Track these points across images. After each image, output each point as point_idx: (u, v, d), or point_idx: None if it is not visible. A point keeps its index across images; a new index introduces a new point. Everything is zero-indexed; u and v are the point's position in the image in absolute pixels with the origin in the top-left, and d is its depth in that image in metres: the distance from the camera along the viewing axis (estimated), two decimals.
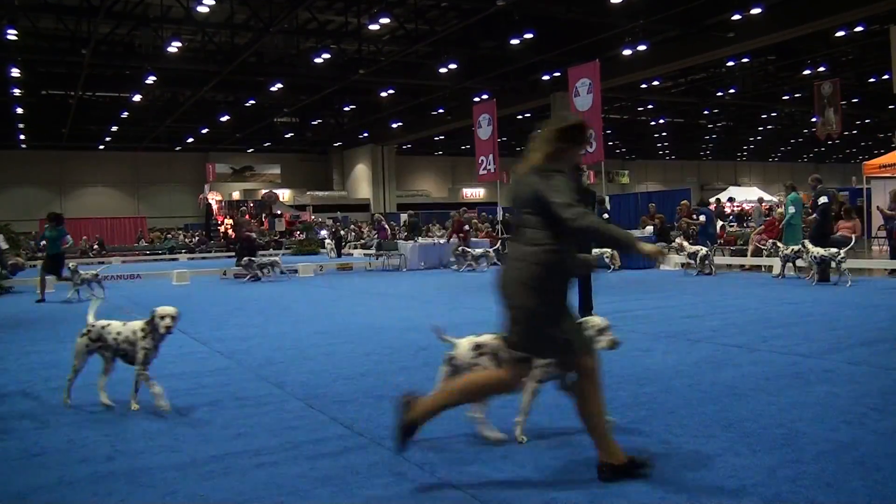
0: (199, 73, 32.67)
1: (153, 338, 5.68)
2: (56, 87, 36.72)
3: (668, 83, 39.59)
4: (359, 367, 7.25)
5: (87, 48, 26.70)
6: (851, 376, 6.07)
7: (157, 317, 5.62)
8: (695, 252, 17.27)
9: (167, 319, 5.60)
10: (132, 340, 5.70)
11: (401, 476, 4.08)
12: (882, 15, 24.53)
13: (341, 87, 35.89)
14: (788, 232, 16.09)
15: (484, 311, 11.58)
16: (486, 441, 4.61)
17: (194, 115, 43.32)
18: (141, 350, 5.66)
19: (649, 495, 3.66)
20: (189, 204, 55.40)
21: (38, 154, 51.58)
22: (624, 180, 66.85)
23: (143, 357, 5.66)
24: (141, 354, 5.66)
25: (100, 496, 3.95)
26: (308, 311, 12.35)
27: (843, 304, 11.00)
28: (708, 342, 8.02)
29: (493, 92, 35.26)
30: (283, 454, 4.55)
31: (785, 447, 4.33)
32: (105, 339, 5.83)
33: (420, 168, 65.24)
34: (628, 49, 29.10)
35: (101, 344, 5.85)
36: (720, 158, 74.40)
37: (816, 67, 35.26)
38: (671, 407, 5.35)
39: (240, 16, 27.53)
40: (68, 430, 5.25)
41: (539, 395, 4.73)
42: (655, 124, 53.81)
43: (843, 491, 3.62)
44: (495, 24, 27.32)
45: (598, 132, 20.93)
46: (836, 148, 66.30)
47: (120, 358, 5.85)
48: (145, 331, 5.68)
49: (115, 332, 5.80)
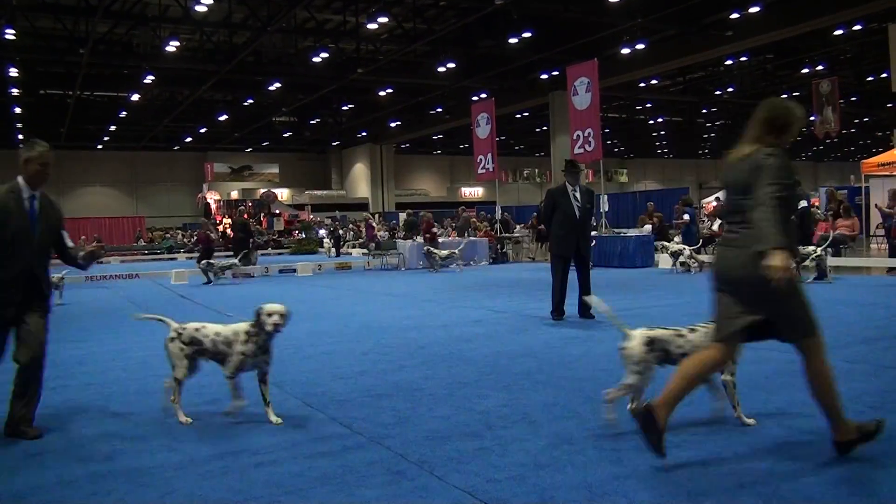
0: (198, 73, 32.64)
1: (256, 341, 5.22)
2: (54, 86, 36.69)
3: (667, 82, 39.58)
4: (357, 366, 7.25)
5: (85, 48, 26.67)
6: (850, 374, 6.07)
7: (264, 314, 5.20)
8: (677, 251, 17.59)
9: (275, 317, 5.16)
10: (230, 342, 5.30)
11: (399, 475, 4.08)
12: (880, 13, 24.53)
13: (339, 86, 35.85)
14: None
15: (482, 309, 11.60)
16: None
17: (192, 115, 43.31)
18: (236, 355, 5.24)
19: (648, 493, 3.67)
20: (187, 203, 55.40)
21: None
22: (622, 179, 66.91)
23: (238, 363, 5.24)
24: (235, 360, 5.24)
25: (99, 496, 3.96)
26: (306, 311, 12.35)
27: (841, 302, 11.00)
28: None
29: (491, 91, 35.25)
30: (281, 453, 4.55)
31: (783, 445, 4.34)
32: (201, 341, 5.39)
33: (418, 167, 65.23)
34: (627, 48, 29.11)
35: (196, 347, 5.41)
36: (719, 157, 74.22)
37: (815, 66, 35.27)
38: None
39: (238, 15, 27.51)
40: (67, 430, 5.25)
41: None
42: (654, 123, 53.82)
43: (842, 489, 3.63)
44: (494, 23, 27.30)
45: (596, 131, 20.97)
46: (835, 146, 66.31)
47: (218, 362, 5.41)
48: (249, 333, 5.25)
49: (214, 334, 5.38)
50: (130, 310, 13.31)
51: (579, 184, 10.21)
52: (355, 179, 59.35)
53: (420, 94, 39.71)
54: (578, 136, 21.25)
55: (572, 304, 10.13)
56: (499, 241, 25.24)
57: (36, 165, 5.22)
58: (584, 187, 10.33)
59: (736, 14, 25.94)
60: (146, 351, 8.49)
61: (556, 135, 35.11)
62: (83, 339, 9.87)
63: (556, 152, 34.76)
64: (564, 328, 9.37)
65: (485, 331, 9.25)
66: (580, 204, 10.00)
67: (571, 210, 9.95)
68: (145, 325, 10.99)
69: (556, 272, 10.17)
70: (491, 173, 25.96)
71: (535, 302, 11.69)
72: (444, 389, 6.10)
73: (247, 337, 5.23)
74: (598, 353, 7.56)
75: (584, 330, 9.20)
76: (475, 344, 8.31)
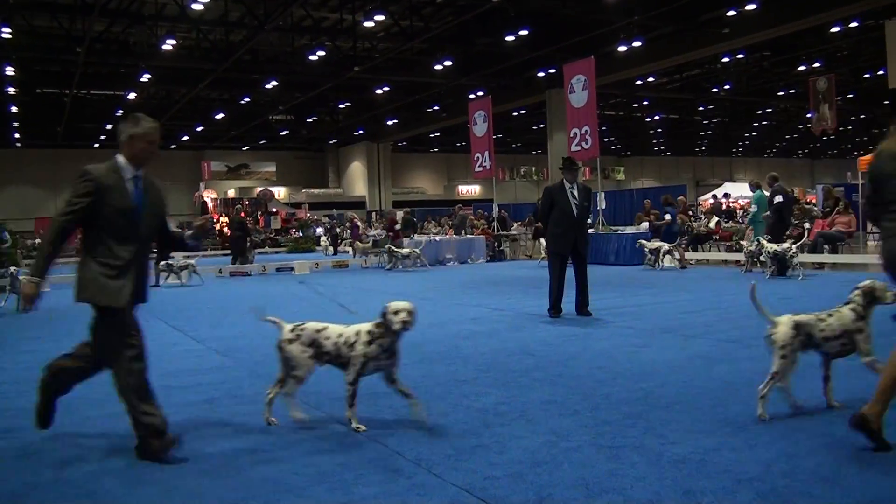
0: (194, 71, 32.58)
1: (381, 343, 4.91)
2: (51, 85, 36.59)
3: (664, 79, 39.56)
4: None
5: (82, 46, 26.60)
6: (847, 371, 6.07)
7: (390, 313, 4.91)
8: (657, 248, 18.00)
9: (402, 314, 4.87)
10: (351, 343, 4.95)
11: (397, 473, 4.09)
12: (877, 10, 24.51)
13: (336, 84, 35.80)
14: (754, 228, 16.76)
15: (480, 307, 11.61)
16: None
17: (189, 113, 43.23)
18: (359, 357, 4.88)
19: (645, 490, 3.67)
20: (185, 202, 55.26)
21: (33, 153, 51.45)
22: (619, 176, 66.88)
23: (360, 368, 4.90)
24: (357, 364, 4.88)
25: (97, 495, 3.96)
26: (304, 309, 12.32)
27: (837, 299, 11.00)
28: (703, 338, 8.04)
29: (488, 89, 35.21)
30: (279, 451, 4.55)
31: (780, 442, 4.35)
32: (321, 344, 5.02)
33: (415, 165, 65.18)
34: (623, 45, 29.09)
35: (315, 350, 5.02)
36: (715, 154, 74.39)
37: (811, 63, 35.26)
38: (666, 402, 5.37)
39: (234, 13, 27.46)
40: (64, 430, 5.24)
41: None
42: (651, 120, 53.79)
43: (839, 485, 3.64)
44: (490, 21, 27.28)
45: (593, 129, 20.97)
46: (832, 143, 66.31)
47: (338, 367, 5.07)
48: (372, 333, 4.93)
49: (336, 336, 5.02)
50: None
51: (577, 181, 10.22)
52: (352, 177, 59.29)
53: (417, 92, 39.67)
54: (575, 134, 21.25)
55: (569, 301, 10.15)
56: (496, 238, 25.25)
57: (142, 143, 4.78)
58: (582, 185, 10.33)
59: (732, 11, 25.92)
60: None
61: (553, 132, 35.09)
62: (80, 338, 9.81)
63: (553, 150, 34.73)
64: (562, 325, 9.38)
65: (482, 328, 9.25)
66: (578, 202, 10.01)
67: (569, 208, 9.95)
68: (143, 325, 10.99)
69: (553, 270, 10.18)
70: (488, 171, 25.95)
71: (533, 299, 11.70)
72: (442, 387, 6.11)
73: (369, 338, 4.91)
74: (595, 350, 7.58)
75: (582, 327, 9.21)
76: (473, 342, 8.31)
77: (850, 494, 3.52)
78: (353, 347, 4.92)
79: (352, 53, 31.35)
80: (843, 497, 3.50)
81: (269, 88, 36.01)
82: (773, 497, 3.52)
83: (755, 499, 3.52)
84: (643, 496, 3.61)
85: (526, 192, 61.00)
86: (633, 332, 8.63)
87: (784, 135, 64.45)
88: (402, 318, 4.85)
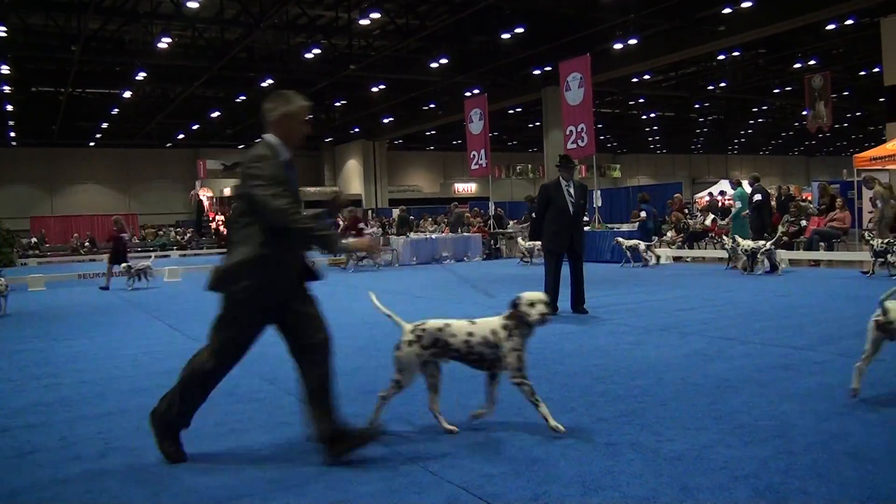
0: (190, 69, 32.51)
1: (520, 334, 4.65)
2: (46, 84, 36.47)
3: (659, 77, 39.58)
4: (351, 362, 7.24)
5: (77, 44, 26.54)
6: (843, 368, 6.09)
7: (525, 304, 4.64)
8: (633, 245, 18.29)
9: (540, 306, 4.60)
10: (493, 342, 4.67)
11: (394, 471, 4.09)
12: (873, 8, 24.54)
13: (332, 82, 35.77)
14: (735, 225, 16.91)
15: (476, 305, 11.60)
16: None
17: (185, 112, 43.14)
18: (511, 352, 4.60)
19: (642, 487, 3.68)
20: (180, 201, 55.25)
21: (29, 151, 51.32)
22: (615, 174, 66.87)
23: (518, 360, 4.60)
24: (513, 357, 4.59)
25: (93, 493, 3.95)
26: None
27: (833, 296, 11.05)
28: (699, 335, 8.05)
29: (484, 87, 35.20)
30: (275, 450, 4.56)
31: (776, 438, 4.35)
32: (447, 343, 4.73)
33: (411, 163, 65.14)
34: (619, 43, 29.09)
35: (436, 350, 4.76)
36: (711, 152, 74.44)
37: (807, 61, 35.29)
38: (663, 399, 5.37)
39: (230, 11, 27.39)
40: (61, 428, 5.24)
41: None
42: (646, 118, 53.79)
43: (835, 482, 3.64)
44: (486, 19, 27.29)
45: (589, 126, 20.97)
46: (827, 141, 66.38)
47: (470, 364, 4.81)
48: (508, 326, 4.66)
49: (465, 333, 4.73)
50: (122, 308, 13.29)
51: (573, 179, 10.22)
52: (348, 176, 59.24)
53: (413, 90, 39.64)
54: (571, 132, 21.25)
55: (565, 298, 10.15)
56: (492, 236, 25.24)
57: (295, 121, 4.46)
58: (578, 183, 10.33)
59: (728, 9, 25.94)
60: (139, 349, 8.48)
61: (549, 130, 35.11)
62: (75, 336, 9.85)
63: (549, 148, 34.75)
64: (558, 323, 9.37)
65: None
66: (574, 199, 10.01)
67: (565, 205, 9.95)
68: (139, 323, 11.00)
69: (549, 267, 10.19)
70: (484, 169, 25.94)
71: None
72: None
73: (507, 333, 4.65)
74: (591, 347, 7.58)
75: (578, 325, 9.21)
76: None
77: (847, 491, 3.53)
78: (498, 346, 4.64)
79: (347, 51, 31.32)
80: (839, 493, 3.51)
81: (264, 87, 35.89)
82: (769, 494, 3.53)
83: (751, 495, 3.52)
84: (640, 493, 3.61)
85: (522, 190, 60.98)
86: (629, 329, 8.63)
87: (780, 132, 64.51)
88: (540, 311, 4.59)
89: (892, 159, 18.46)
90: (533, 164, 62.85)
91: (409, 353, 4.72)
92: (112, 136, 49.70)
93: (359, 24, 27.59)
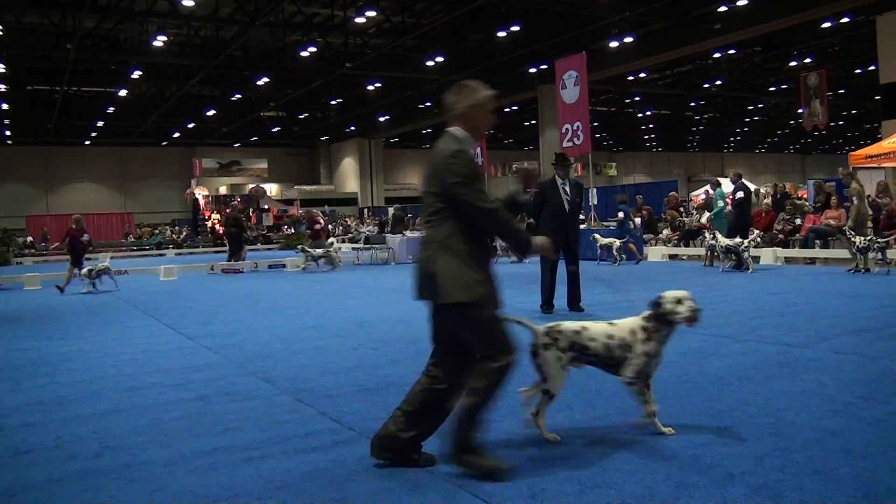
0: (185, 68, 32.47)
1: (659, 338, 4.45)
2: (41, 82, 36.43)
3: (655, 75, 39.61)
4: (347, 360, 7.25)
5: (72, 43, 26.50)
6: (839, 365, 6.11)
7: (670, 302, 4.42)
8: (608, 244, 18.59)
9: (688, 302, 4.38)
10: (628, 343, 4.45)
11: (390, 469, 4.08)
12: (868, 6, 24.59)
13: (328, 80, 35.73)
14: (715, 223, 17.26)
15: None
16: None
17: (180, 110, 43.09)
18: (640, 356, 4.40)
19: (637, 484, 3.68)
20: (176, 199, 55.19)
21: (24, 150, 51.27)
22: (611, 172, 66.94)
23: (641, 366, 4.41)
24: (638, 362, 4.39)
25: (88, 493, 3.94)
26: (296, 306, 12.33)
27: (829, 294, 11.07)
28: (695, 333, 8.02)
29: None
30: (271, 448, 4.55)
31: (772, 436, 4.36)
32: (585, 346, 4.49)
33: (408, 161, 65.12)
34: (615, 41, 29.13)
35: (573, 354, 4.50)
36: (707, 150, 74.53)
37: (803, 59, 35.35)
38: (659, 397, 5.35)
39: (225, 9, 27.36)
40: (56, 428, 5.22)
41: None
42: (642, 116, 53.83)
43: (831, 479, 3.65)
44: (482, 17, 27.28)
45: (585, 124, 20.98)
46: (823, 139, 66.50)
47: (605, 369, 4.60)
48: (648, 329, 4.45)
49: (605, 336, 4.50)
50: (119, 306, 13.28)
51: (569, 177, 10.23)
52: (344, 174, 59.23)
53: (409, 88, 39.62)
54: (567, 130, 21.26)
55: (561, 296, 10.16)
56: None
57: (482, 112, 4.24)
58: (574, 181, 10.34)
59: (724, 7, 25.99)
60: (135, 348, 8.46)
61: (545, 128, 35.12)
62: (72, 335, 9.83)
63: (546, 146, 34.78)
64: (554, 321, 9.38)
65: None
66: (570, 197, 10.01)
67: (561, 203, 9.95)
68: (135, 322, 10.99)
69: (545, 266, 10.18)
70: (480, 167, 25.95)
71: (525, 296, 11.70)
72: None
73: (646, 335, 4.43)
74: None
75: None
76: None
77: (842, 488, 3.53)
78: (632, 348, 4.43)
79: (343, 49, 31.30)
80: (834, 491, 3.51)
81: (260, 85, 35.93)
82: (764, 491, 3.53)
83: (747, 493, 3.52)
84: (635, 491, 3.61)
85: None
86: None
87: (775, 130, 64.59)
88: (690, 307, 4.36)
89: (887, 157, 18.50)
90: (529, 163, 62.86)
91: (550, 357, 4.43)
92: (107, 134, 49.64)
93: (354, 22, 27.59)
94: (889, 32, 22.97)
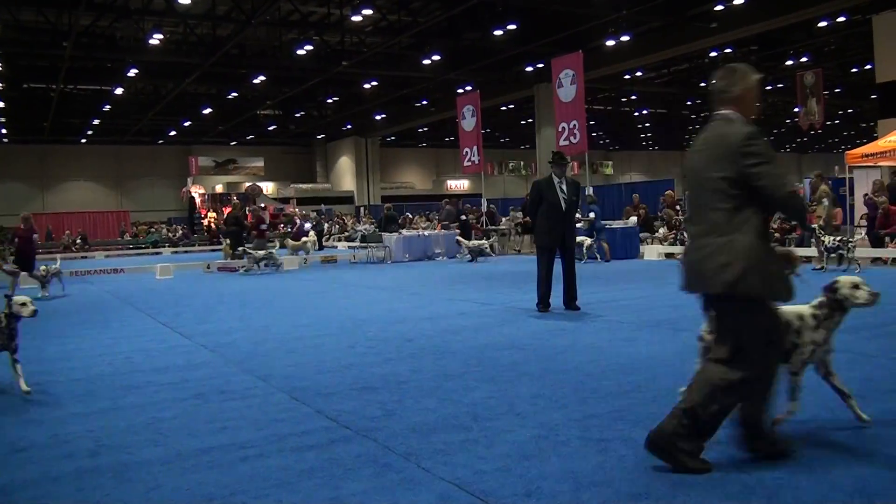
0: (181, 66, 32.43)
1: (828, 325, 4.25)
2: (37, 80, 36.38)
3: (652, 74, 39.66)
4: (343, 359, 7.25)
5: (69, 41, 26.46)
6: (834, 363, 6.11)
7: (847, 287, 4.23)
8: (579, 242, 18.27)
9: (865, 287, 4.19)
10: (795, 328, 4.25)
11: (386, 467, 4.08)
12: (864, 5, 24.62)
13: (324, 79, 35.75)
14: None
15: (468, 302, 11.61)
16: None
17: (176, 108, 43.05)
18: (808, 344, 4.23)
19: (634, 484, 3.68)
20: (172, 198, 55.10)
21: (20, 148, 51.18)
22: (608, 171, 66.99)
23: (808, 356, 4.24)
24: (805, 351, 4.22)
25: (85, 491, 3.94)
26: (292, 304, 12.33)
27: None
28: (691, 331, 8.02)
29: (476, 83, 35.21)
30: (267, 447, 4.55)
31: None
32: None
33: (404, 160, 65.13)
34: (611, 40, 29.13)
35: None
36: None
37: (799, 58, 35.39)
38: (655, 395, 5.38)
39: (222, 7, 27.33)
40: (52, 426, 5.22)
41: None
42: (639, 115, 53.88)
43: (826, 476, 3.66)
44: (478, 16, 27.30)
45: (581, 123, 20.99)
46: (819, 137, 66.57)
47: None
48: (818, 317, 4.25)
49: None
50: (115, 305, 13.27)
51: (565, 176, 10.23)
52: (340, 172, 59.21)
53: (405, 87, 39.63)
54: (564, 129, 21.27)
55: (557, 295, 10.16)
56: (485, 233, 25.24)
57: (755, 95, 4.13)
58: (570, 179, 10.34)
59: (720, 6, 26.00)
60: (131, 346, 8.46)
61: (542, 127, 35.12)
62: (68, 334, 9.81)
63: (542, 145, 34.78)
64: (550, 320, 9.39)
65: (471, 323, 9.26)
66: (566, 196, 10.02)
67: (557, 202, 9.96)
68: (131, 321, 10.98)
69: (541, 264, 10.19)
70: (476, 166, 25.95)
71: (521, 294, 11.71)
72: (431, 382, 6.10)
73: (816, 322, 4.25)
74: (584, 344, 7.59)
75: (570, 321, 9.23)
76: (461, 336, 8.31)
77: (838, 486, 3.54)
78: (800, 334, 4.25)
79: (339, 48, 31.30)
80: (830, 488, 3.52)
81: (256, 83, 35.91)
82: (760, 488, 3.54)
83: (742, 490, 3.53)
84: (631, 489, 3.62)
85: (514, 187, 61.03)
86: (622, 325, 8.65)
87: (772, 129, 64.57)
88: (869, 291, 4.17)
89: (883, 156, 18.52)
90: (525, 161, 62.88)
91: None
92: (104, 132, 49.58)
93: (351, 20, 27.58)
94: (885, 31, 23.00)
